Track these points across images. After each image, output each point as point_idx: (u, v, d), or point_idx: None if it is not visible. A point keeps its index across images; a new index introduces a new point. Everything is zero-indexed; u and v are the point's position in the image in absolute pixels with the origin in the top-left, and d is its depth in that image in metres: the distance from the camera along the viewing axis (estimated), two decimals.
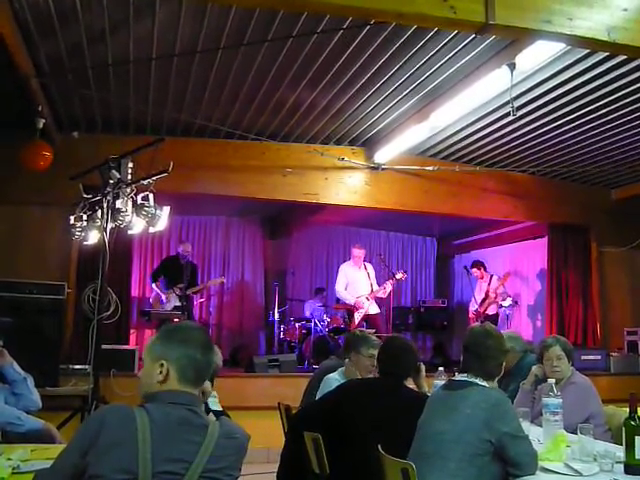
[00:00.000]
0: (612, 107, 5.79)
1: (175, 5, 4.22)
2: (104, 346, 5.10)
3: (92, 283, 5.24)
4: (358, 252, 8.38)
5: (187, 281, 8.12)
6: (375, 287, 8.22)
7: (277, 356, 7.38)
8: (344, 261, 11.07)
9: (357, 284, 8.26)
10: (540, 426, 3.23)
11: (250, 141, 6.92)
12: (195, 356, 1.98)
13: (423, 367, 3.80)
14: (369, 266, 8.44)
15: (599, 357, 7.57)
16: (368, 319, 8.08)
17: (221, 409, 3.30)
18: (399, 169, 7.52)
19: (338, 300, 8.74)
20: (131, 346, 6.98)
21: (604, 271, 8.48)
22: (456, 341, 10.73)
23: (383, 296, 8.35)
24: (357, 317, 8.10)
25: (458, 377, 2.80)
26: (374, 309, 8.18)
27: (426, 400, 2.95)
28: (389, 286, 8.29)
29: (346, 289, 8.36)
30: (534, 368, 3.92)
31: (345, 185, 7.52)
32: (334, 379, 3.91)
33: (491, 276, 8.91)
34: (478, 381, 2.69)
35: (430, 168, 7.43)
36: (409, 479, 2.34)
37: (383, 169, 7.50)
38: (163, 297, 8.24)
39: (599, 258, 8.49)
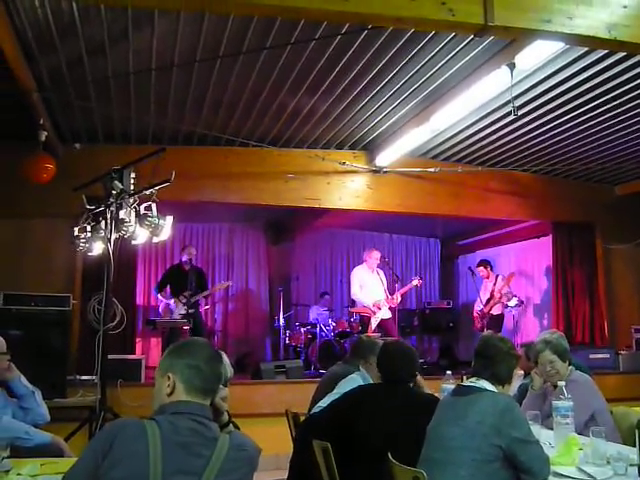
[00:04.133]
0: (613, 104, 5.78)
1: (173, 16, 4.22)
2: (110, 356, 5.10)
3: (97, 294, 5.24)
4: (376, 255, 8.31)
5: (193, 288, 8.09)
6: (387, 294, 8.17)
7: (284, 362, 7.35)
8: (348, 265, 11.14)
9: (371, 288, 8.19)
10: (549, 428, 3.21)
11: (251, 148, 6.92)
12: (199, 366, 2.01)
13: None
14: (380, 272, 8.38)
15: (607, 355, 7.53)
16: (380, 324, 8.04)
17: None
18: (401, 171, 7.52)
19: (354, 303, 8.66)
20: (137, 355, 6.98)
21: (610, 268, 8.45)
22: (462, 342, 10.70)
23: (393, 305, 8.33)
24: (374, 322, 8.05)
25: (467, 382, 2.78)
26: (387, 314, 8.14)
27: (435, 402, 2.94)
28: (398, 295, 8.30)
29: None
30: (533, 372, 3.87)
31: (347, 189, 7.51)
32: (355, 380, 3.88)
33: (496, 276, 8.88)
34: (487, 386, 2.67)
35: (432, 170, 7.42)
36: None
37: (385, 172, 7.50)
38: (172, 303, 8.22)
39: (605, 255, 8.45)
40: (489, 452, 2.47)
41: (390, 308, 8.19)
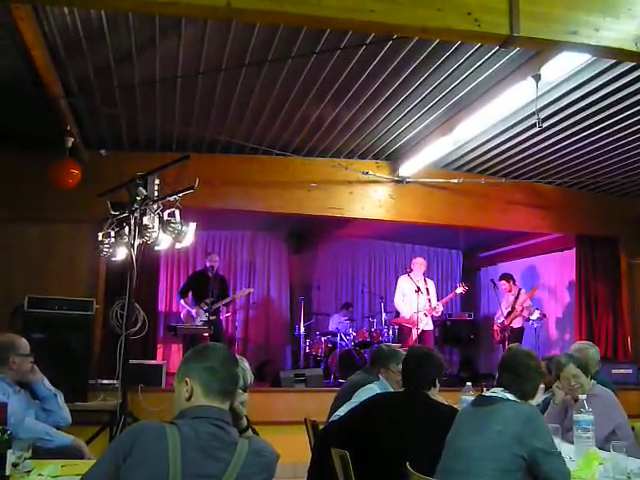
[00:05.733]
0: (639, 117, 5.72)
1: (200, 24, 4.27)
2: (132, 361, 5.13)
3: (120, 299, 5.29)
4: (419, 261, 8.31)
5: (215, 295, 8.12)
6: (434, 303, 8.15)
7: (303, 371, 7.36)
8: (369, 274, 11.11)
9: (413, 298, 8.16)
10: (569, 442, 3.17)
11: (274, 156, 6.96)
12: (214, 368, 2.03)
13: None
14: (429, 281, 8.32)
15: (630, 371, 7.45)
16: (421, 334, 8.00)
17: None
18: (424, 182, 7.49)
19: (398, 314, 8.63)
20: (158, 361, 7.02)
21: (634, 283, 8.33)
22: (483, 355, 10.61)
23: (436, 314, 8.28)
24: (415, 333, 7.98)
25: (488, 393, 2.76)
26: (429, 325, 8.10)
27: (451, 413, 2.91)
28: (440, 305, 8.28)
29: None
30: (555, 386, 3.83)
31: (370, 199, 7.51)
32: (373, 389, 3.86)
33: (519, 289, 8.80)
34: (510, 397, 2.65)
35: (455, 181, 7.39)
36: None
37: (408, 182, 7.48)
38: (193, 312, 8.27)
39: (629, 270, 8.35)
40: (511, 462, 2.45)
41: (432, 317, 8.13)
